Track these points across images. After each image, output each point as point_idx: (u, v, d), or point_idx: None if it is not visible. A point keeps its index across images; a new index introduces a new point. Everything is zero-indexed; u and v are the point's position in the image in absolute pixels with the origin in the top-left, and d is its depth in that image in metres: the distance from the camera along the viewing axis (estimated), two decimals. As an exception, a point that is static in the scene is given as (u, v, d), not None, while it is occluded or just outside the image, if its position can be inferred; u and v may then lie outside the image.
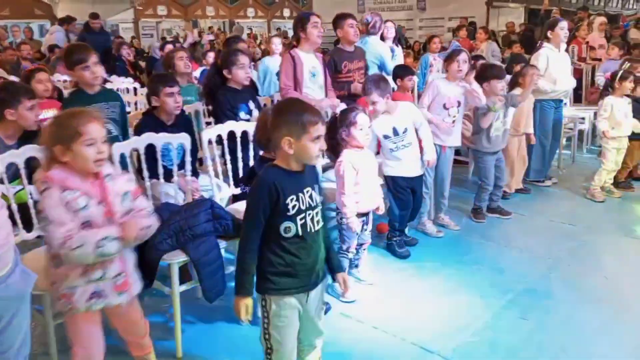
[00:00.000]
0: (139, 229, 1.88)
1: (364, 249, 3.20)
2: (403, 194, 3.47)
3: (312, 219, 1.96)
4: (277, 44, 5.94)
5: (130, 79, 6.51)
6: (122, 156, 2.70)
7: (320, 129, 1.89)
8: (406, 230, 3.75)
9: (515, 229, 4.09)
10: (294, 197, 1.89)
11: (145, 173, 2.79)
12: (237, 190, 3.19)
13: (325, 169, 3.40)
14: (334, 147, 2.95)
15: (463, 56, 3.77)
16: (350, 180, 2.90)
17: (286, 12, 20.30)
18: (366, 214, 3.08)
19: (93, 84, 3.02)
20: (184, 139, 2.89)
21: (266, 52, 6.21)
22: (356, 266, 3.21)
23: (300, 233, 1.91)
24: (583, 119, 6.17)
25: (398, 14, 13.69)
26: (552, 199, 4.75)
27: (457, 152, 5.57)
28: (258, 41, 15.78)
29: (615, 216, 4.31)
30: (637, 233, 3.95)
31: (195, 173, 3.28)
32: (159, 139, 2.80)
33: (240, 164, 3.16)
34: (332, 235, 2.87)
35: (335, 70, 4.38)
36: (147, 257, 2.40)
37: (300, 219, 1.91)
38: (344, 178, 2.89)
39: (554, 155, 5.38)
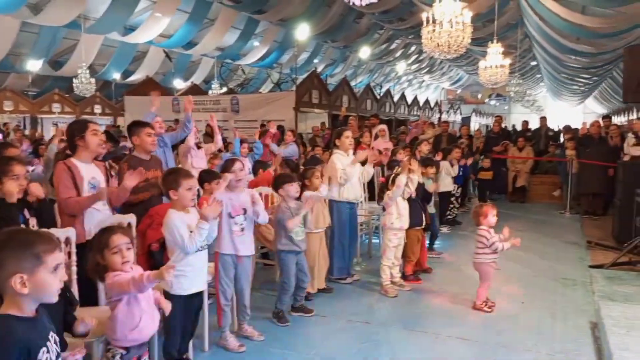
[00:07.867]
0: None
1: None
2: (186, 313, 3.20)
3: None
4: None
5: None
6: None
7: (59, 257, 1.63)
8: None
9: (317, 332, 4.10)
10: (45, 349, 1.58)
11: None
12: None
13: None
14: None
15: (238, 165, 3.81)
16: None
17: (97, 109, 19.40)
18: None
19: None
20: None
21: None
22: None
23: None
24: (378, 215, 6.77)
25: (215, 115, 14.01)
26: (352, 296, 4.93)
27: (266, 254, 5.62)
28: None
29: (405, 310, 4.59)
30: (423, 326, 4.20)
31: None
32: None
33: None
34: None
35: None
36: None
37: None
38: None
39: (354, 252, 5.71)
